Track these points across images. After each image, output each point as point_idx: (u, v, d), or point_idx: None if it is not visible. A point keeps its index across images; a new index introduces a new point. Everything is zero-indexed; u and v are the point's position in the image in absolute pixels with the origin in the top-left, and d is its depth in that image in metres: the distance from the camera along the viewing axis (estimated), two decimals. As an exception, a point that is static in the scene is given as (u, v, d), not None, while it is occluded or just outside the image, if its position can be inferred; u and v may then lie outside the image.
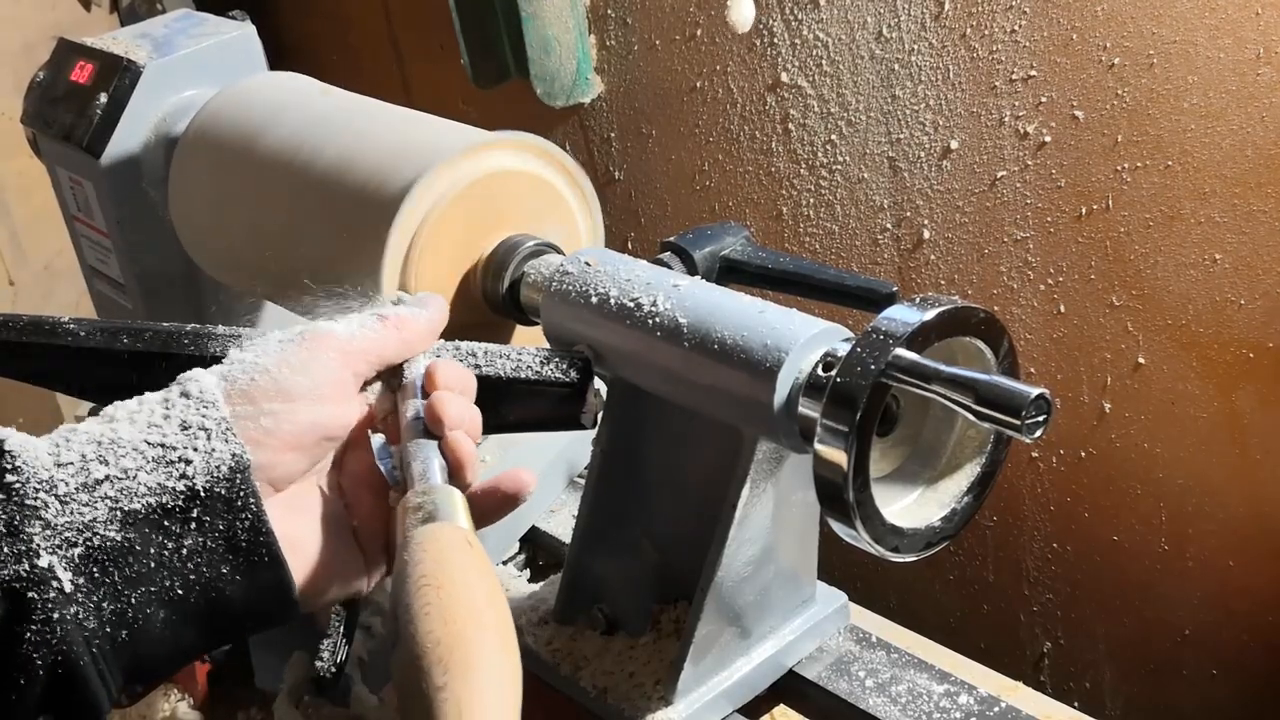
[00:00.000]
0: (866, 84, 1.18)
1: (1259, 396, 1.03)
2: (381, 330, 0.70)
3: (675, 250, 0.90)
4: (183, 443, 0.60)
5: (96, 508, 0.58)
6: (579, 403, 0.79)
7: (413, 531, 0.60)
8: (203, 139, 1.07)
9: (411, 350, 0.71)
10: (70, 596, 0.56)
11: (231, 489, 0.60)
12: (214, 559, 0.60)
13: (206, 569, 0.60)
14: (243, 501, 0.60)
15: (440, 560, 0.58)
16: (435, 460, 0.65)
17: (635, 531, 0.90)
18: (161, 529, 0.59)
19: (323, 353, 0.66)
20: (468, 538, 0.60)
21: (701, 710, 0.85)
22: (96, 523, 0.57)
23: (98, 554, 0.57)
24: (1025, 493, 1.21)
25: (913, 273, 1.22)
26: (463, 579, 0.57)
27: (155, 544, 0.59)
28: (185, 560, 0.59)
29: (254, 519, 0.61)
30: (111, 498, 0.58)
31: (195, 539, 0.59)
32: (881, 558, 0.72)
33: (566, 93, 1.41)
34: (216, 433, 0.61)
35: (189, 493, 0.59)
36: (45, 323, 0.75)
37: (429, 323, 0.72)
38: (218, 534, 0.60)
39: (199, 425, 0.61)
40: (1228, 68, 0.95)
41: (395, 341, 0.70)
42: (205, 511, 0.60)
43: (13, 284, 1.84)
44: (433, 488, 0.63)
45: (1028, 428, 0.64)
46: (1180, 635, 1.16)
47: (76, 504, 0.57)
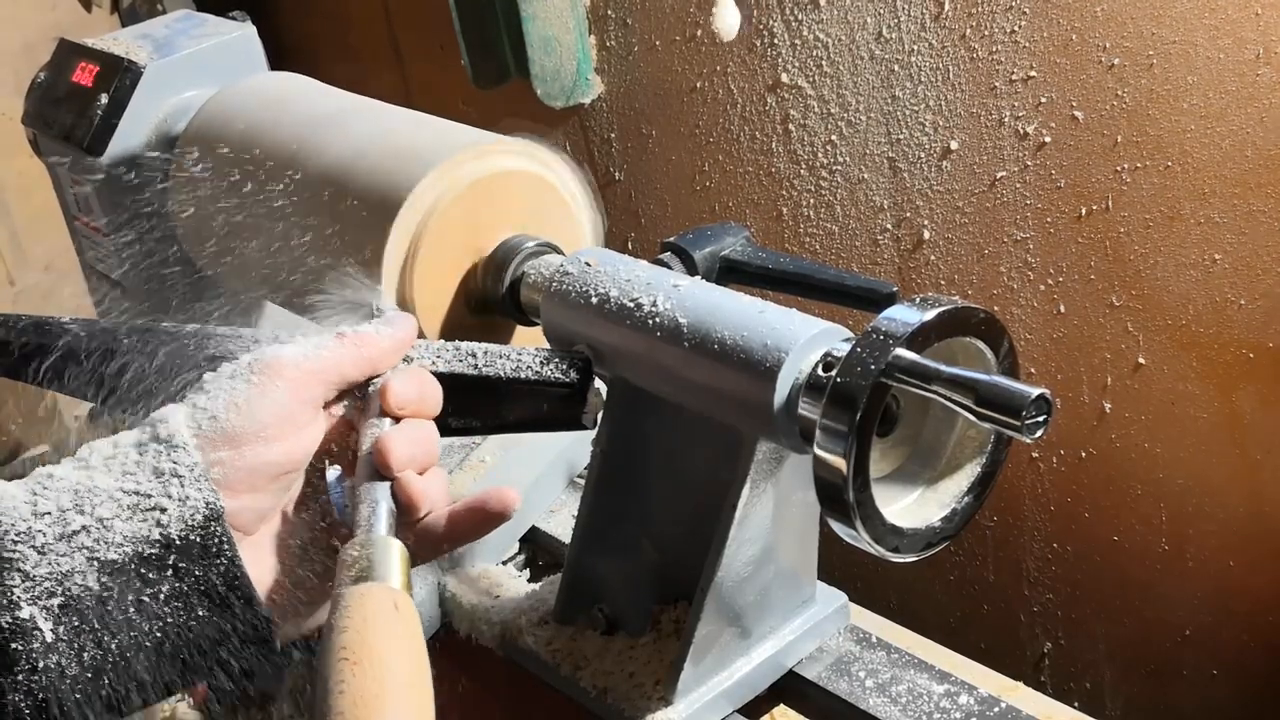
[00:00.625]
0: (866, 85, 1.18)
1: (1259, 397, 1.03)
2: (339, 348, 0.68)
3: (675, 250, 0.90)
4: (157, 490, 0.61)
5: (74, 558, 0.58)
6: (579, 403, 0.79)
7: (342, 590, 0.59)
8: (203, 139, 1.07)
9: (374, 367, 0.69)
10: (52, 646, 0.57)
11: (206, 536, 0.60)
12: (191, 604, 0.60)
13: (184, 614, 0.60)
14: (217, 548, 0.61)
15: (362, 630, 0.57)
16: (384, 504, 0.64)
17: (635, 531, 0.90)
18: (139, 577, 0.59)
19: (270, 387, 0.65)
20: (396, 600, 0.59)
21: (702, 710, 0.85)
22: (75, 572, 0.58)
23: (76, 603, 0.58)
24: (1025, 493, 1.21)
25: (913, 273, 1.22)
26: (382, 654, 0.56)
27: (133, 591, 0.59)
28: (163, 606, 0.60)
29: (228, 564, 0.61)
30: (89, 547, 0.59)
31: (172, 585, 0.60)
32: (881, 558, 0.72)
33: (567, 93, 1.41)
34: (190, 479, 0.61)
35: (164, 541, 0.60)
36: (46, 323, 0.75)
37: (393, 340, 0.71)
38: (194, 579, 0.60)
39: (171, 472, 0.61)
40: (1227, 68, 0.95)
41: (353, 359, 0.68)
42: (181, 559, 0.60)
43: (13, 284, 1.84)
44: (371, 540, 0.62)
45: (1028, 428, 0.64)
46: (1180, 635, 1.16)
47: (54, 554, 0.58)
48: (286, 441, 0.65)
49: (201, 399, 0.64)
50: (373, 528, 0.63)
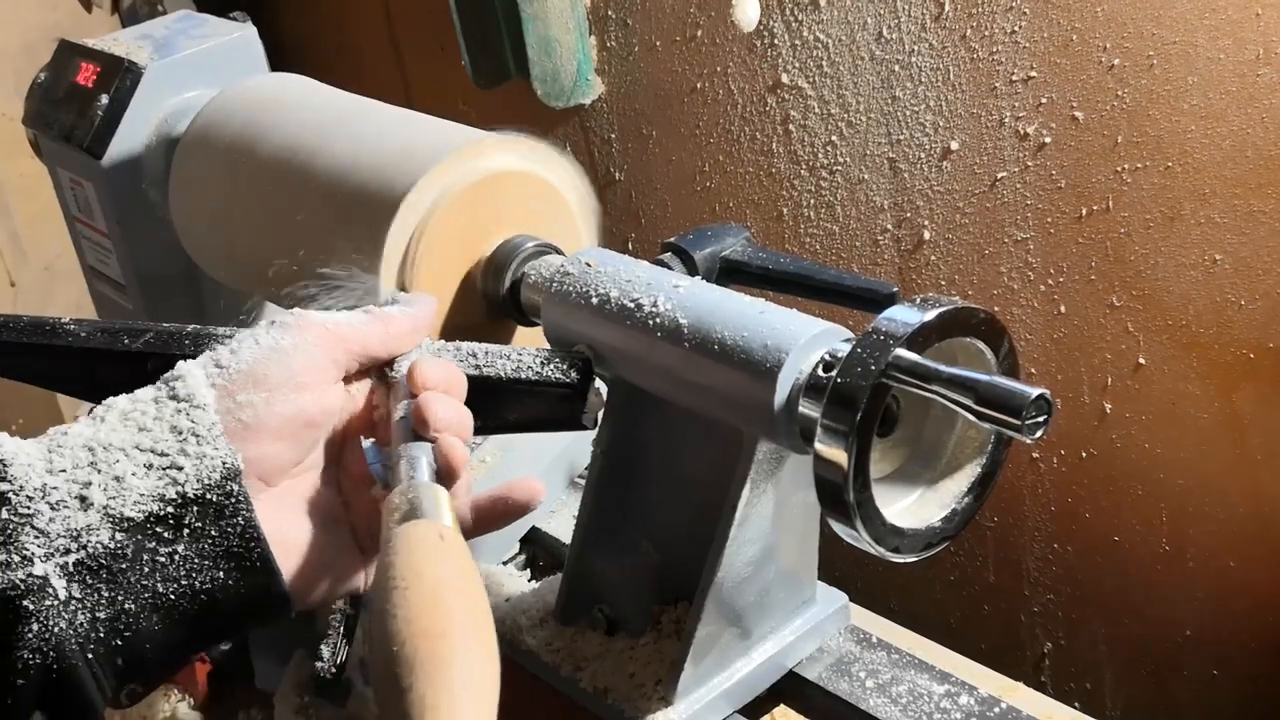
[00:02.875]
0: (867, 85, 1.18)
1: (1259, 397, 1.03)
2: (365, 322, 0.69)
3: (676, 251, 0.90)
4: (174, 448, 0.60)
5: (89, 515, 0.58)
6: (579, 403, 0.79)
7: (390, 531, 0.60)
8: (203, 140, 1.07)
9: (397, 346, 0.71)
10: (64, 603, 0.57)
11: (222, 494, 0.60)
12: (206, 565, 0.60)
13: (198, 574, 0.60)
14: (233, 507, 0.60)
15: (411, 559, 0.57)
16: (424, 459, 0.65)
17: (636, 532, 0.90)
18: (154, 535, 0.59)
19: (300, 338, 0.66)
20: (441, 531, 0.59)
21: (702, 711, 0.85)
22: (90, 529, 0.58)
23: (91, 561, 0.58)
24: (1026, 493, 1.21)
25: (913, 273, 1.22)
26: (431, 577, 0.56)
27: (148, 550, 0.59)
28: (178, 566, 0.59)
29: (245, 524, 0.61)
30: (104, 505, 0.58)
31: (187, 545, 0.60)
32: (882, 558, 0.72)
33: (567, 94, 1.41)
34: (207, 438, 0.61)
35: (180, 499, 0.60)
36: (46, 323, 0.75)
37: (414, 320, 0.72)
38: (210, 540, 0.60)
39: (189, 430, 0.61)
40: (1228, 69, 0.96)
41: (379, 334, 0.69)
42: (197, 518, 0.60)
43: (14, 285, 1.84)
44: (416, 485, 0.63)
45: (1028, 428, 0.64)
46: (1181, 636, 1.16)
47: (69, 511, 0.58)
48: (315, 392, 0.66)
49: (225, 351, 0.65)
50: (416, 477, 0.64)
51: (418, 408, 0.66)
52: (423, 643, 0.54)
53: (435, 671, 0.53)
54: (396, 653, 0.54)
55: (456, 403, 0.69)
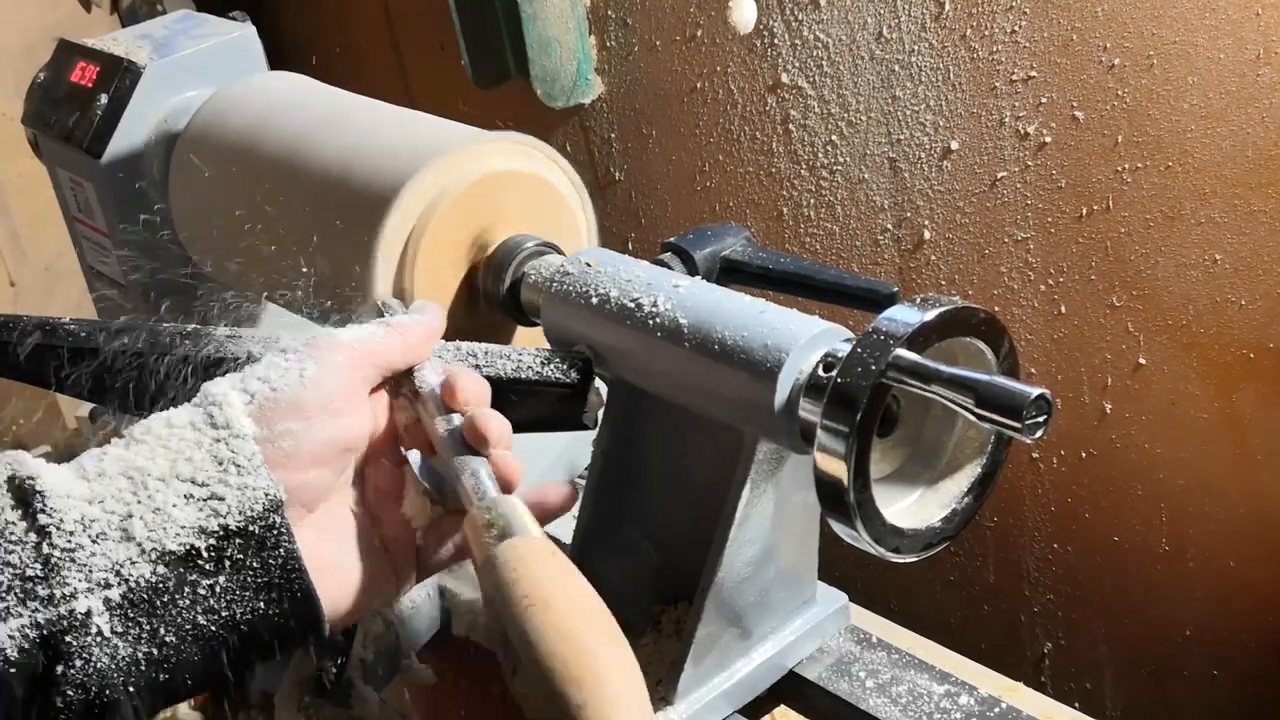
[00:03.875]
0: (867, 85, 1.18)
1: (1260, 397, 1.03)
2: (386, 336, 0.69)
3: (676, 251, 0.90)
4: (214, 479, 0.60)
5: (130, 548, 0.58)
6: (579, 403, 0.79)
7: (493, 550, 0.60)
8: (202, 139, 1.07)
9: (415, 356, 0.71)
10: (106, 639, 0.56)
11: (265, 527, 0.60)
12: (247, 596, 0.60)
13: (239, 606, 0.60)
14: (275, 540, 0.60)
15: (534, 577, 0.58)
16: (484, 472, 0.65)
17: (635, 532, 0.90)
18: (195, 568, 0.59)
19: (331, 362, 0.66)
20: (549, 548, 0.60)
21: (702, 711, 0.85)
22: (131, 563, 0.57)
23: (133, 595, 0.57)
24: (1026, 493, 1.21)
25: (913, 273, 1.22)
26: (564, 592, 0.58)
27: (189, 583, 0.58)
28: (219, 598, 0.59)
29: (287, 556, 0.60)
30: (145, 537, 0.58)
31: (229, 577, 0.59)
32: (882, 558, 0.72)
33: (567, 93, 1.41)
34: (249, 468, 0.60)
35: (223, 531, 0.59)
36: (46, 324, 0.75)
37: (427, 329, 0.72)
38: (251, 572, 0.60)
39: (230, 460, 0.60)
40: (1228, 68, 0.95)
41: (400, 347, 0.69)
42: (239, 550, 0.59)
43: (14, 285, 1.84)
44: (496, 501, 0.63)
45: (1028, 428, 0.64)
46: (1181, 636, 1.16)
47: (111, 544, 0.57)
48: (351, 416, 0.66)
49: (258, 370, 0.65)
50: (487, 492, 0.64)
51: (472, 424, 0.67)
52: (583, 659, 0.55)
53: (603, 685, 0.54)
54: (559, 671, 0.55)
55: (500, 415, 0.69)
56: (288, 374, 0.64)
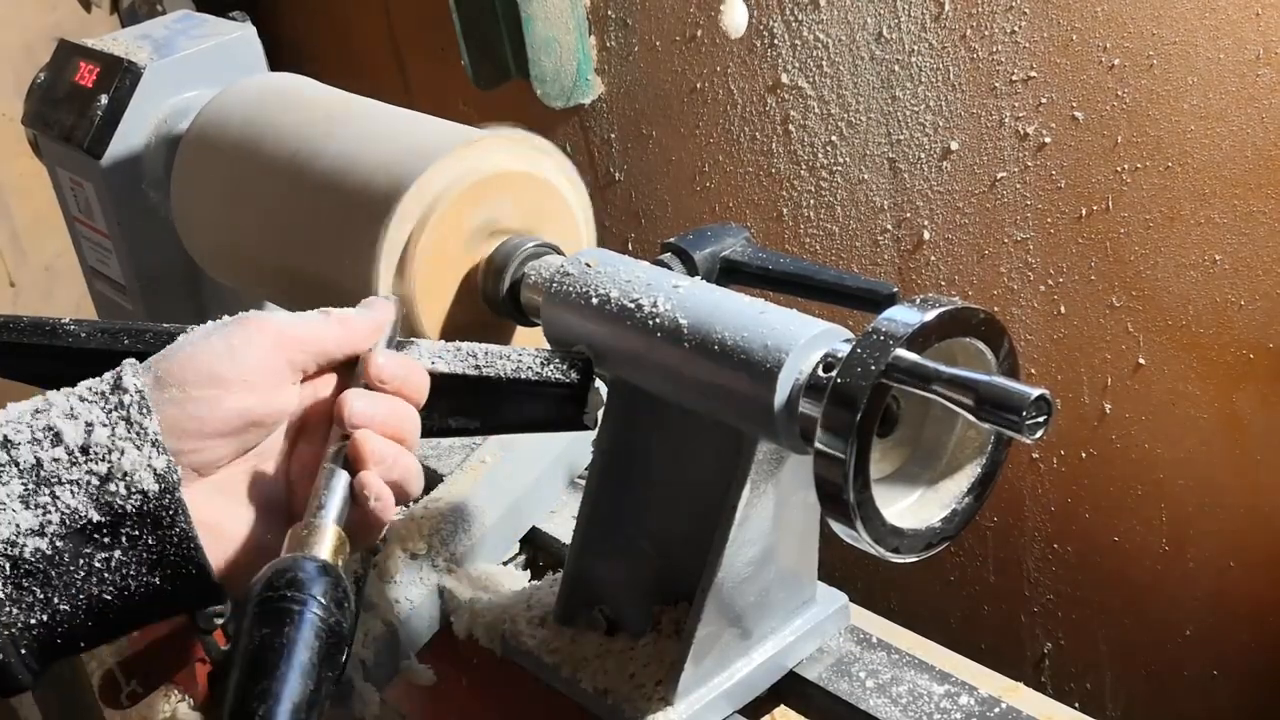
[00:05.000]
0: (867, 85, 1.18)
1: (1259, 397, 1.03)
2: (322, 322, 0.69)
3: (675, 251, 0.90)
4: (114, 457, 0.60)
5: (27, 520, 0.59)
6: (579, 404, 0.79)
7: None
8: (203, 140, 1.07)
9: (353, 345, 0.70)
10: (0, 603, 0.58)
11: (159, 506, 0.61)
12: (142, 571, 0.61)
13: (134, 579, 0.61)
14: (170, 519, 0.61)
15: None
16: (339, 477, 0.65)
17: (636, 532, 0.90)
18: (90, 542, 0.60)
19: (256, 337, 0.66)
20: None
21: (702, 711, 0.85)
22: (27, 534, 0.58)
23: (26, 565, 0.58)
24: (1026, 494, 1.21)
25: (913, 274, 1.22)
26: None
27: (84, 555, 0.60)
28: (114, 571, 0.60)
29: (182, 535, 0.61)
30: (43, 509, 0.59)
31: (124, 552, 0.60)
32: (882, 558, 0.72)
33: (567, 94, 1.41)
34: (147, 446, 0.61)
35: (118, 510, 0.60)
36: (46, 324, 0.75)
37: (373, 322, 0.72)
38: (146, 548, 0.61)
39: (129, 437, 0.61)
40: (1228, 69, 0.95)
41: (335, 335, 0.69)
42: (135, 527, 0.60)
43: (13, 285, 1.84)
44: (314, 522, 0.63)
45: (1028, 428, 0.64)
46: (1181, 636, 1.16)
47: (9, 513, 0.58)
48: (267, 393, 0.66)
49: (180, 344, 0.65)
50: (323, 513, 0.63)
51: (337, 403, 0.66)
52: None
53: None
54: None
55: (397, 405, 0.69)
56: (212, 344, 0.65)
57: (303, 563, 0.59)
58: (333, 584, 0.58)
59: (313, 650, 0.56)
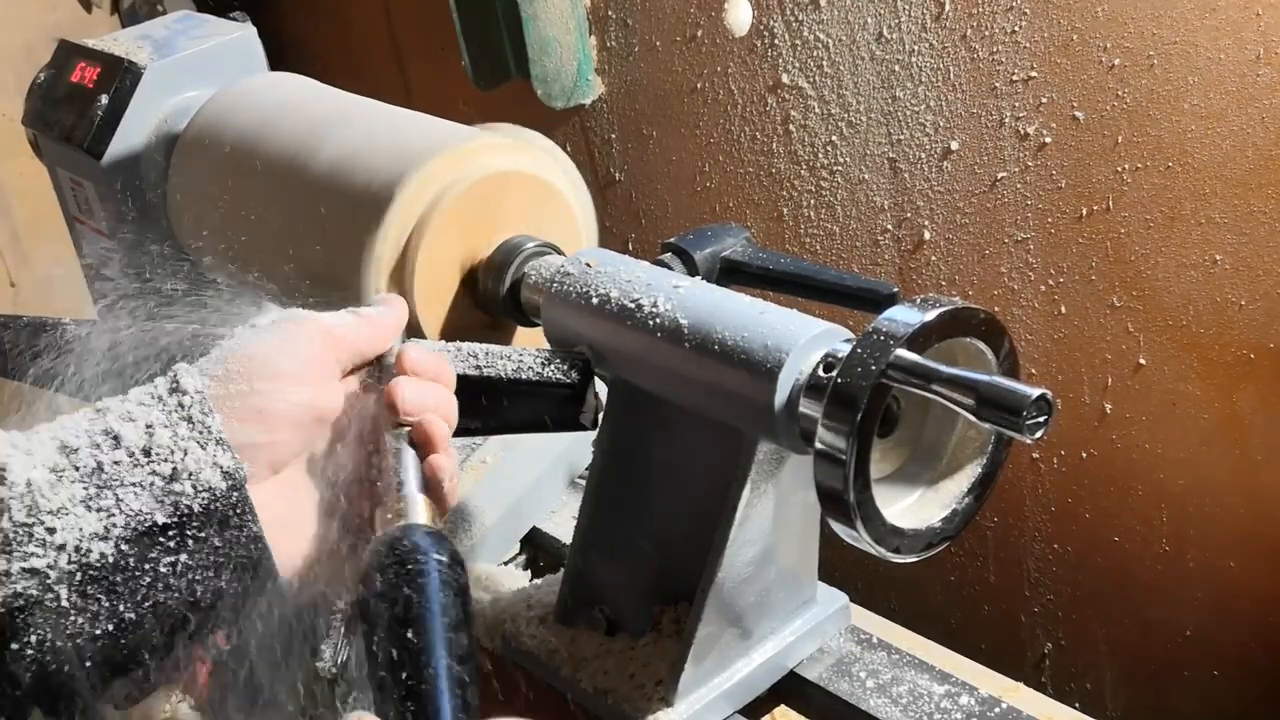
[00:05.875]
0: (867, 85, 1.18)
1: (1260, 397, 1.03)
2: (356, 323, 0.70)
3: (676, 251, 0.90)
4: (178, 457, 0.60)
5: (92, 525, 0.57)
6: (580, 404, 0.79)
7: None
8: (202, 140, 1.07)
9: (382, 344, 0.71)
10: (64, 612, 0.56)
11: (226, 504, 0.60)
12: (208, 573, 0.60)
13: (200, 583, 0.60)
14: (238, 517, 0.60)
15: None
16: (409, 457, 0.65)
17: (636, 532, 0.90)
18: (157, 545, 0.59)
19: (307, 335, 0.67)
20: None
21: (702, 711, 0.85)
22: (92, 538, 0.57)
23: (92, 570, 0.57)
24: (1026, 494, 1.21)
25: (913, 274, 1.22)
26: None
27: (150, 560, 0.58)
28: (180, 575, 0.59)
29: (249, 533, 0.61)
30: (107, 513, 0.58)
31: (191, 555, 0.59)
32: (882, 559, 0.72)
33: (567, 94, 1.41)
34: (211, 444, 0.60)
35: (185, 510, 0.59)
36: (46, 323, 0.75)
37: (395, 320, 0.73)
38: (213, 549, 0.60)
39: (193, 437, 0.60)
40: (1228, 69, 0.95)
41: (369, 335, 0.71)
42: (201, 528, 0.59)
43: (14, 285, 1.84)
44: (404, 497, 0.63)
45: (1028, 428, 0.64)
46: (1181, 636, 1.16)
47: (72, 520, 0.57)
48: (323, 386, 0.67)
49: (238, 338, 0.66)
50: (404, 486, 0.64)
51: (387, 392, 0.67)
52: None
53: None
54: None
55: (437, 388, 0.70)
56: (267, 340, 0.65)
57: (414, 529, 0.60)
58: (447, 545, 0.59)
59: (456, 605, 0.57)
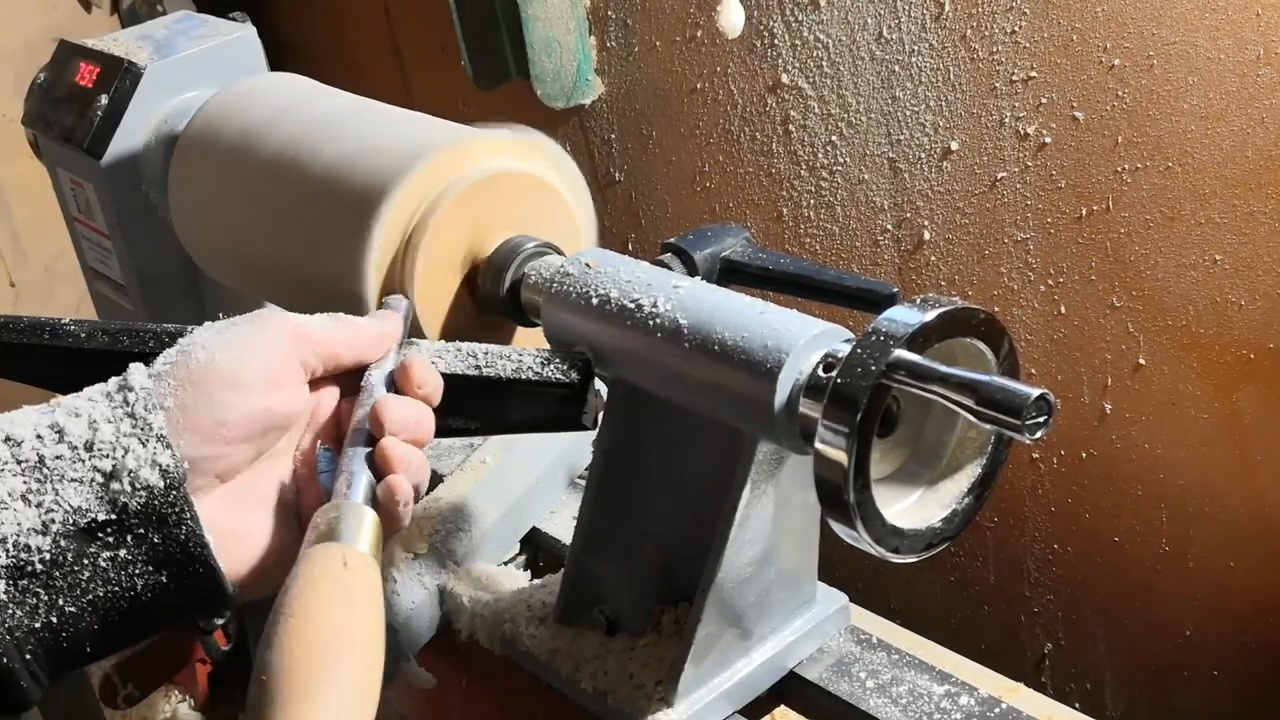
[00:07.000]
0: (867, 85, 1.18)
1: (1260, 397, 1.03)
2: (333, 327, 0.69)
3: (676, 251, 0.90)
4: (118, 454, 0.59)
5: (30, 519, 0.57)
6: (579, 404, 0.79)
7: (303, 550, 0.59)
8: (201, 140, 1.07)
9: (361, 354, 0.70)
10: (2, 605, 0.56)
11: (165, 504, 0.60)
12: (148, 570, 0.60)
13: (140, 579, 0.59)
14: (176, 516, 0.60)
15: (302, 587, 0.57)
16: (363, 473, 0.64)
17: (636, 533, 0.90)
18: (95, 540, 0.59)
19: (273, 335, 0.66)
20: (346, 557, 0.59)
21: (702, 711, 0.85)
22: (30, 533, 0.57)
23: (29, 565, 0.57)
24: (1026, 494, 1.21)
25: (913, 274, 1.22)
26: (316, 609, 0.56)
27: (88, 555, 0.58)
28: (119, 570, 0.59)
29: (188, 532, 0.60)
30: (45, 508, 0.58)
31: (129, 550, 0.59)
32: (882, 559, 0.72)
33: (567, 94, 1.41)
34: (152, 441, 0.60)
35: (122, 508, 0.59)
36: (46, 324, 0.75)
37: (380, 332, 0.72)
38: (151, 546, 0.60)
39: (134, 434, 0.60)
40: (1228, 69, 0.96)
41: (345, 340, 0.69)
42: (140, 525, 0.59)
43: (14, 285, 1.84)
44: (342, 504, 0.62)
45: (1028, 428, 0.64)
46: (1181, 636, 1.16)
47: (11, 512, 0.57)
48: (288, 390, 0.66)
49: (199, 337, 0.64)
50: (348, 495, 0.63)
51: (375, 409, 0.66)
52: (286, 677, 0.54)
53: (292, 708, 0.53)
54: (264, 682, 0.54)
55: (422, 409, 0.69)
56: (230, 343, 0.64)
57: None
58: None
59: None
